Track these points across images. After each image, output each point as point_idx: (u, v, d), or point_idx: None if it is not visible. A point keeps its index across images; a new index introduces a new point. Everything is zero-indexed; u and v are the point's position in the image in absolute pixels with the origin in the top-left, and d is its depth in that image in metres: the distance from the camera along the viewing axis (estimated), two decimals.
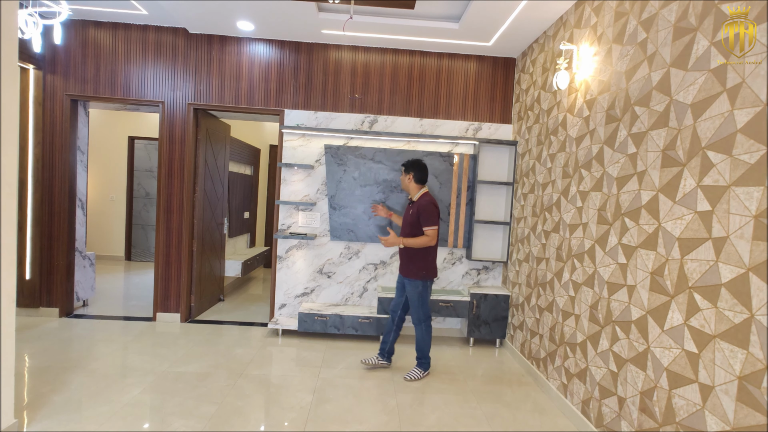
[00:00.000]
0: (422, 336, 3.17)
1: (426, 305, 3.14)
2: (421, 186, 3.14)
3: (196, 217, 4.12)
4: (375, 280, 4.07)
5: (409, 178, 3.11)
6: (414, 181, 3.11)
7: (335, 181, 3.94)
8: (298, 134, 3.96)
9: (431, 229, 3.00)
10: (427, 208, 2.99)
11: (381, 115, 4.00)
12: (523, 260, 3.56)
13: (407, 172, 3.12)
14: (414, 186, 3.12)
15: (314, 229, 4.02)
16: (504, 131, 4.04)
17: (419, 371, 3.17)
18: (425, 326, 3.16)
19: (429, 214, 2.99)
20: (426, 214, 2.99)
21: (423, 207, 3.00)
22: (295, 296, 4.05)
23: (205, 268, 4.40)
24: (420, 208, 3.02)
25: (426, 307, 3.15)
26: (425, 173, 3.12)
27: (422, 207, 3.01)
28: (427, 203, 3.02)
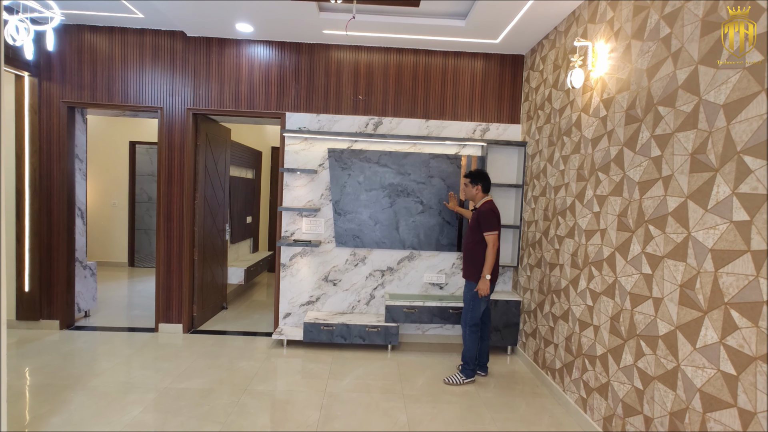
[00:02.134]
0: (466, 340, 3.18)
1: (477, 310, 3.15)
2: (485, 194, 3.20)
3: (197, 224, 4.02)
4: (382, 287, 3.96)
5: (477, 189, 3.21)
6: (482, 191, 3.21)
7: (339, 185, 3.83)
8: (300, 138, 3.85)
9: (491, 234, 3.04)
10: (486, 214, 3.07)
11: (385, 117, 3.87)
12: (535, 265, 3.43)
13: (475, 183, 3.21)
14: (481, 195, 3.21)
15: (319, 236, 3.91)
16: (512, 132, 3.91)
17: (460, 377, 3.19)
18: (470, 331, 3.16)
19: (488, 219, 3.06)
20: (485, 219, 3.06)
21: (483, 213, 3.08)
22: (299, 305, 3.95)
23: (207, 276, 4.30)
24: (480, 214, 3.10)
25: (476, 312, 3.16)
26: (489, 182, 3.24)
27: (482, 213, 3.09)
28: (487, 210, 3.08)
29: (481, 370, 3.31)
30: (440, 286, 3.98)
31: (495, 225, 3.05)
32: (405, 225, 3.87)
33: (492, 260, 3.04)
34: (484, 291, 3.06)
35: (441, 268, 3.97)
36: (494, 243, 3.03)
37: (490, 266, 3.05)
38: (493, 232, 3.03)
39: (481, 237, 3.08)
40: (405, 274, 3.96)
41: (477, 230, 3.10)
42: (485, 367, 3.31)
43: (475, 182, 3.18)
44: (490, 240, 3.03)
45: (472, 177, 3.20)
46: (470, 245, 3.17)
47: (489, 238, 3.03)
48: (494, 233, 3.03)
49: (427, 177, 3.84)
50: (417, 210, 3.86)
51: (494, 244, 3.03)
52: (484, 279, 3.07)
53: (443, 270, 3.97)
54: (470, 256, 3.16)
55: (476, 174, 3.19)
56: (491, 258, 3.03)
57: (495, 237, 3.03)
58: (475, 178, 3.18)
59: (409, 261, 3.95)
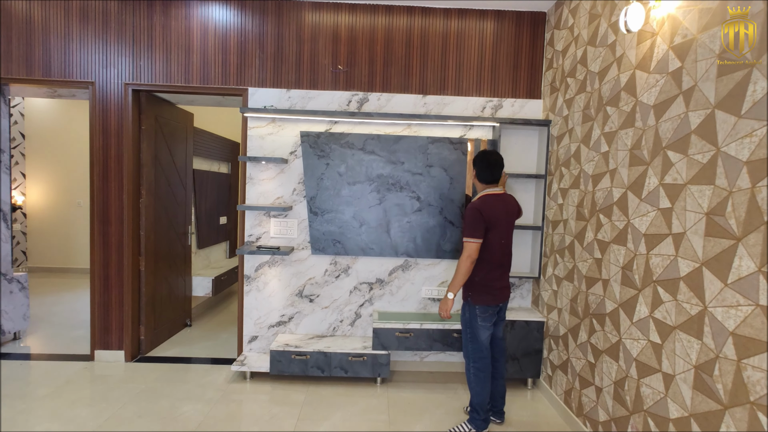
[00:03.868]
0: (471, 383, 2.42)
1: (476, 340, 2.40)
2: (487, 186, 2.43)
3: (145, 227, 3.27)
4: (370, 304, 3.20)
5: (474, 175, 2.49)
6: (478, 179, 2.46)
7: (315, 178, 3.07)
8: (266, 119, 3.09)
9: (467, 241, 2.30)
10: (466, 213, 2.35)
11: (372, 93, 3.11)
12: (565, 278, 2.66)
13: (473, 167, 2.48)
14: (479, 186, 2.48)
15: (291, 241, 3.16)
16: (531, 109, 3.13)
17: (468, 427, 2.41)
18: (475, 369, 2.40)
19: (467, 221, 2.33)
20: (465, 220, 2.34)
21: (466, 212, 2.36)
22: (268, 326, 3.19)
23: (162, 289, 3.56)
24: (464, 212, 2.45)
25: (477, 343, 2.40)
26: (493, 170, 2.40)
27: (465, 212, 2.37)
28: (470, 208, 2.34)
29: (495, 417, 2.54)
30: None
31: (473, 230, 2.28)
32: (398, 227, 3.10)
33: (461, 274, 2.30)
34: (441, 311, 2.37)
35: (443, 279, 3.20)
36: (469, 253, 2.28)
37: (457, 282, 2.31)
38: (470, 240, 2.28)
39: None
40: (398, 288, 3.20)
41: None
42: (500, 413, 2.55)
43: (473, 165, 2.46)
44: (465, 248, 2.29)
45: (473, 159, 2.47)
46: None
47: (464, 245, 2.30)
48: (470, 241, 2.28)
49: (425, 166, 3.07)
50: (412, 208, 3.10)
51: (469, 254, 2.28)
52: (444, 298, 2.36)
53: (446, 282, 3.20)
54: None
55: (477, 156, 2.44)
56: (460, 271, 2.30)
57: (472, 247, 2.28)
58: (474, 160, 2.45)
59: (404, 271, 3.19)
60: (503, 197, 2.40)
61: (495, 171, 2.38)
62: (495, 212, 2.32)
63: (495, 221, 2.31)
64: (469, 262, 2.27)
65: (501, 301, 2.40)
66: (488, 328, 2.37)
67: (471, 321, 2.38)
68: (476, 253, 2.28)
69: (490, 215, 2.29)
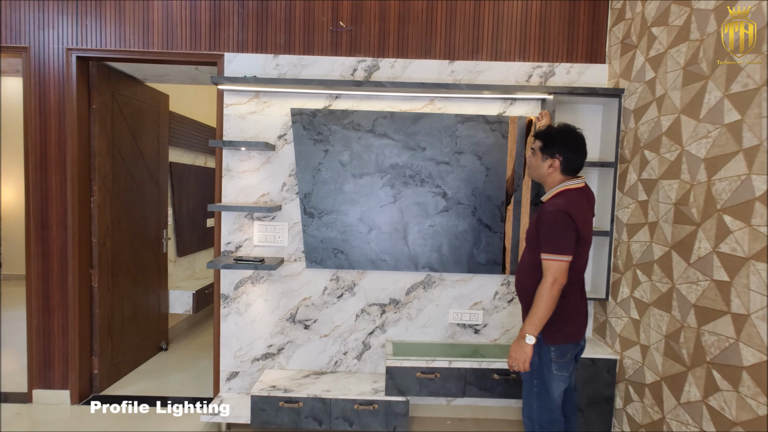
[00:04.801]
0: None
1: (546, 396, 1.67)
2: (568, 177, 1.68)
3: (98, 232, 2.60)
4: (382, 331, 2.49)
5: (552, 164, 1.67)
6: (560, 169, 1.67)
7: (311, 169, 2.36)
8: (248, 93, 2.39)
9: (552, 259, 1.55)
10: (551, 219, 1.57)
11: (384, 58, 2.39)
12: (653, 304, 1.92)
13: (547, 148, 1.67)
14: (557, 177, 1.69)
15: (280, 250, 2.45)
16: (592, 76, 2.39)
17: None
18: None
19: (552, 230, 1.57)
20: (547, 229, 1.58)
21: (545, 217, 1.59)
22: (252, 359, 2.49)
23: (124, 309, 2.89)
24: (540, 217, 1.62)
25: (546, 400, 1.67)
26: (584, 154, 1.68)
27: (544, 217, 1.60)
28: (554, 211, 1.57)
29: None
30: (475, 329, 2.48)
31: (562, 243, 1.56)
32: (418, 232, 2.39)
33: (545, 307, 1.56)
34: (514, 361, 1.63)
35: (476, 299, 2.47)
36: (556, 277, 1.55)
37: (540, 318, 1.58)
38: (557, 257, 1.55)
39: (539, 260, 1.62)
40: (418, 311, 2.48)
41: (534, 245, 1.64)
42: None
43: (548, 146, 1.67)
44: (548, 270, 1.55)
45: (543, 137, 1.69)
46: (524, 270, 1.72)
47: (548, 263, 1.56)
48: (559, 259, 1.55)
49: (453, 153, 2.35)
50: (437, 207, 2.38)
51: (555, 279, 1.54)
52: (519, 341, 1.61)
53: (480, 303, 2.47)
54: (523, 292, 1.72)
55: (551, 134, 1.67)
56: (544, 303, 1.56)
57: (560, 268, 1.55)
58: (549, 139, 1.67)
59: (425, 289, 2.47)
60: (587, 192, 1.69)
61: (584, 155, 1.67)
62: (585, 215, 1.61)
63: (585, 228, 1.59)
64: (557, 289, 1.55)
65: (582, 336, 1.68)
66: (565, 379, 1.64)
67: (541, 369, 1.65)
68: (565, 276, 1.55)
69: (580, 220, 1.57)
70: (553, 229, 1.55)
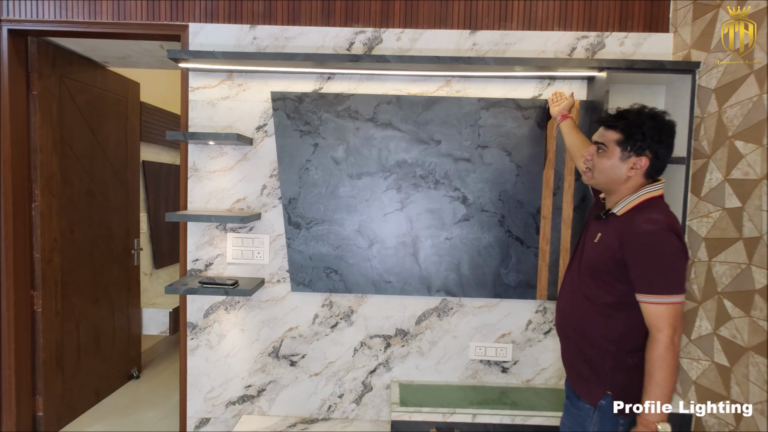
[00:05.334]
0: None
1: None
2: (649, 182, 1.21)
3: (42, 245, 2.14)
4: (386, 369, 2.00)
5: (636, 164, 1.17)
6: (645, 171, 1.18)
7: (297, 168, 1.89)
8: (220, 73, 1.92)
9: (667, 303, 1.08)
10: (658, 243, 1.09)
11: (388, 29, 1.91)
12: (753, 349, 1.41)
13: (630, 142, 1.16)
14: (636, 181, 1.20)
15: (259, 269, 1.97)
16: (654, 47, 1.88)
17: None
18: None
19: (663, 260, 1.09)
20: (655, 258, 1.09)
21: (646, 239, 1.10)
22: (226, 403, 2.02)
23: (82, 335, 2.43)
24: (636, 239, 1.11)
25: None
26: (671, 150, 1.20)
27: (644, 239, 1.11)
28: (660, 232, 1.09)
29: None
30: (503, 366, 1.99)
31: (679, 276, 1.10)
32: (431, 246, 1.90)
33: (671, 373, 1.09)
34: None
35: (504, 330, 1.98)
36: (675, 326, 1.08)
37: (670, 390, 1.09)
38: (673, 299, 1.08)
39: (623, 294, 1.16)
40: (431, 344, 1.99)
41: (605, 274, 1.17)
42: None
43: (631, 142, 1.15)
44: (663, 318, 1.08)
45: (625, 127, 1.16)
46: (575, 302, 1.24)
47: (659, 312, 1.08)
48: (675, 301, 1.08)
49: (475, 147, 1.86)
50: (455, 215, 1.89)
51: (675, 329, 1.08)
52: (649, 413, 1.09)
53: (509, 335, 1.98)
54: (579, 331, 1.26)
55: (637, 121, 1.15)
56: (668, 368, 1.09)
57: (677, 311, 1.09)
58: (634, 130, 1.15)
59: (440, 317, 1.98)
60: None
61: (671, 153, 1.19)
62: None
63: None
64: (678, 342, 1.09)
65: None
66: None
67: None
68: (681, 322, 1.10)
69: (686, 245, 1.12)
70: (663, 258, 1.07)
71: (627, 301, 1.15)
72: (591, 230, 1.27)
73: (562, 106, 1.67)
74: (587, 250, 1.24)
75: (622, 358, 1.17)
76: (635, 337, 1.17)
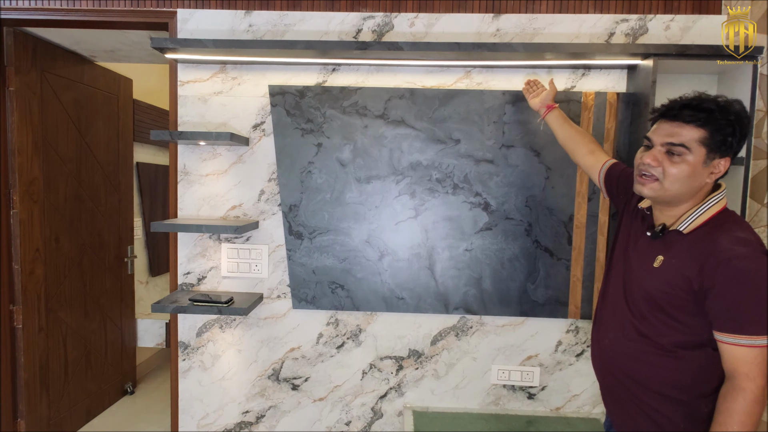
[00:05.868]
0: None
1: None
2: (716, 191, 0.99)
3: (22, 256, 1.96)
4: (398, 394, 1.80)
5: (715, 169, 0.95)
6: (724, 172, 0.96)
7: (299, 170, 1.68)
8: (212, 65, 1.72)
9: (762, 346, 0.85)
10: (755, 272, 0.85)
11: (401, 13, 1.69)
12: None
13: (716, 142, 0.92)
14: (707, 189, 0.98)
15: (257, 284, 1.78)
16: (704, 31, 1.64)
17: None
18: None
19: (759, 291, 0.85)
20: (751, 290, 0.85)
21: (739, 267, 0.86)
22: (222, 431, 1.83)
23: (69, 351, 2.26)
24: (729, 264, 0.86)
25: None
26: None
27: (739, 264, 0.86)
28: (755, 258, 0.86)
29: None
30: (529, 392, 1.77)
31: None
32: (449, 258, 1.69)
33: (757, 424, 0.86)
34: None
35: (531, 352, 1.76)
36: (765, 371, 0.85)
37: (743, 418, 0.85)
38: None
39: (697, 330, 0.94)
40: (449, 366, 1.78)
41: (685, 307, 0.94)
42: None
43: (718, 142, 0.91)
44: (754, 365, 0.86)
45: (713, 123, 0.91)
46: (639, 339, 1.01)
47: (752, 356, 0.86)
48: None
49: (499, 147, 1.65)
50: (476, 224, 1.67)
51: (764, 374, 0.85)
52: None
53: (536, 357, 1.76)
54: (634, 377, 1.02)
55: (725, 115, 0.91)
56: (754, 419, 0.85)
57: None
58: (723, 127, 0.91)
59: (458, 337, 1.77)
60: None
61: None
62: None
63: None
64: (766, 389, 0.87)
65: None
66: None
67: None
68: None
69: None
70: (759, 289, 0.85)
71: (701, 339, 0.93)
72: (641, 250, 1.04)
73: (543, 96, 1.45)
74: (642, 276, 1.01)
75: (696, 406, 0.95)
76: (709, 380, 0.95)
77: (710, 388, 0.96)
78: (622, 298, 1.06)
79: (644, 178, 0.99)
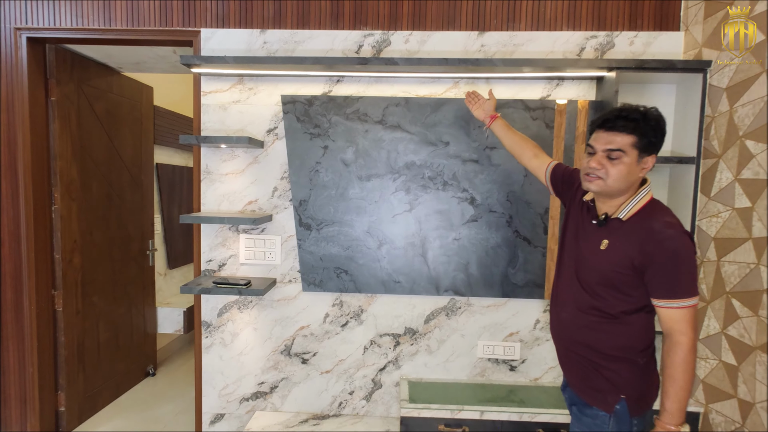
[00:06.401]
0: None
1: None
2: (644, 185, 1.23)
3: (63, 247, 2.22)
4: (396, 367, 2.04)
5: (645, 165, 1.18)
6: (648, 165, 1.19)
7: (307, 170, 1.92)
8: (230, 78, 1.96)
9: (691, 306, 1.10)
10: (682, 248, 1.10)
11: (397, 31, 1.92)
12: (760, 348, 1.41)
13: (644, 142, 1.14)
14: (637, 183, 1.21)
15: (271, 270, 2.02)
16: (665, 46, 1.87)
17: None
18: None
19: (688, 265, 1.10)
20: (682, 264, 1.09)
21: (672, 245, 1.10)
22: (240, 399, 2.08)
23: (101, 332, 2.51)
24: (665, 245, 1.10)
25: None
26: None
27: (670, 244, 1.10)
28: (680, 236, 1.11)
29: None
30: (511, 365, 2.01)
31: (696, 278, 1.12)
32: (439, 247, 1.92)
33: (692, 377, 1.10)
34: None
35: (512, 329, 2.00)
36: (694, 326, 1.10)
37: (687, 390, 1.10)
38: (694, 301, 1.10)
39: (638, 299, 1.17)
40: (440, 342, 2.02)
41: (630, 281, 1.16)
42: None
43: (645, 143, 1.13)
44: (685, 321, 1.09)
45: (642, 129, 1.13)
46: (593, 312, 1.22)
47: (682, 315, 1.09)
48: (695, 303, 1.10)
49: (484, 149, 1.88)
50: (463, 216, 1.91)
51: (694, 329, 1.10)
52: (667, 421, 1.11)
53: (517, 334, 2.00)
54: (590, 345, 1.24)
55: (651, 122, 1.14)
56: (692, 371, 1.09)
57: (695, 312, 1.11)
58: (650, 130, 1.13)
59: (449, 316, 2.00)
60: None
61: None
62: None
63: None
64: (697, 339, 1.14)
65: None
66: None
67: None
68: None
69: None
70: (685, 262, 1.08)
71: (641, 305, 1.15)
72: (589, 236, 1.24)
73: (486, 107, 1.61)
74: (593, 259, 1.21)
75: (635, 360, 1.18)
76: (645, 338, 1.18)
77: (645, 344, 1.19)
78: (575, 277, 1.27)
79: (590, 177, 1.20)
